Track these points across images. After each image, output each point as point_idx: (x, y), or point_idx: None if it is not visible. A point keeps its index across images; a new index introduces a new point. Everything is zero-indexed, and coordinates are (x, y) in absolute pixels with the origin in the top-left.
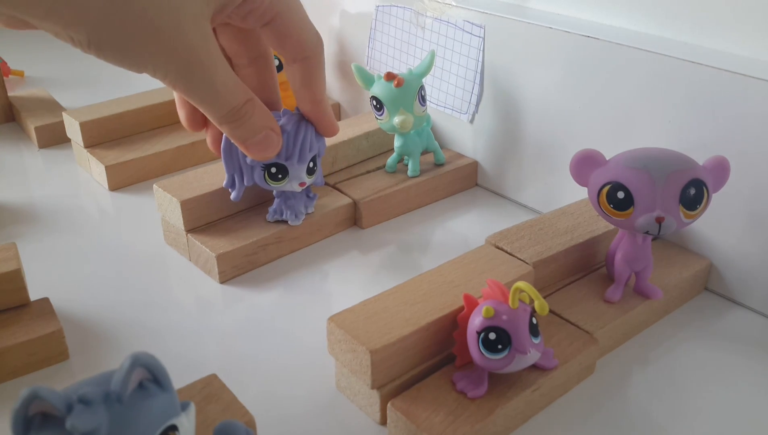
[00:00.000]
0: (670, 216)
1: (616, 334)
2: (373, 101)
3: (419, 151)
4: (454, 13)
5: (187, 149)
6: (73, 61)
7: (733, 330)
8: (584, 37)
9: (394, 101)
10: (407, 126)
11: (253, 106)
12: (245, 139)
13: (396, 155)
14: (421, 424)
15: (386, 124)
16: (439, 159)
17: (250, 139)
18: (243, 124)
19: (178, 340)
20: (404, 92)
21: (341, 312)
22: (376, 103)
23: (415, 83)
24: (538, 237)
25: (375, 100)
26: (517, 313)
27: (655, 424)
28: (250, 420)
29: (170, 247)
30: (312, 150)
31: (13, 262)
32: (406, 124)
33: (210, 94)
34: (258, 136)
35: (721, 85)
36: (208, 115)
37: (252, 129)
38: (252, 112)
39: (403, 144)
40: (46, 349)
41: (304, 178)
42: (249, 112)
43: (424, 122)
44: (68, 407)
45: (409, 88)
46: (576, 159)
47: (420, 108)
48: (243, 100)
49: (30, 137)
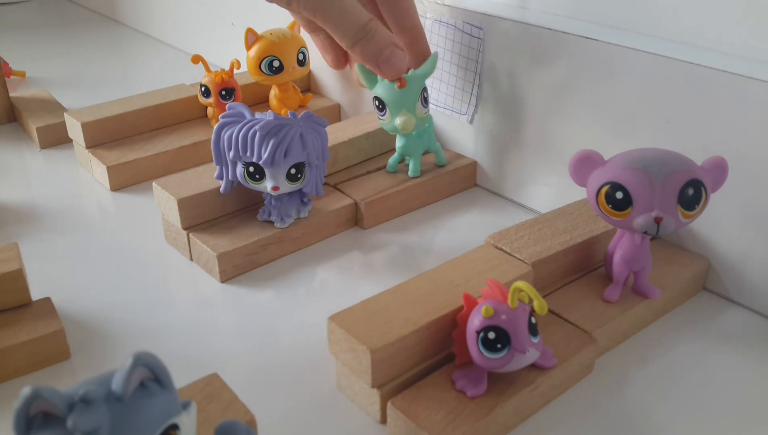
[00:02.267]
0: (668, 216)
1: (615, 334)
2: (375, 101)
3: (420, 151)
4: (454, 14)
5: (189, 150)
6: (74, 62)
7: (732, 330)
8: (584, 38)
9: (396, 102)
10: (409, 127)
11: (376, 23)
12: (376, 58)
13: (397, 155)
14: (421, 423)
15: (388, 124)
16: (440, 160)
17: (380, 57)
18: (370, 40)
19: (180, 340)
20: (407, 93)
21: (341, 311)
22: (378, 103)
23: (418, 85)
24: (538, 237)
25: (378, 100)
26: (517, 312)
27: (654, 423)
28: (251, 419)
29: (171, 247)
30: (291, 156)
31: (14, 262)
32: (408, 125)
33: (342, 17)
34: (385, 52)
35: (721, 85)
36: (341, 39)
37: (378, 45)
38: (376, 27)
39: (404, 144)
40: (48, 348)
41: (279, 183)
42: (374, 28)
43: (426, 123)
44: (70, 407)
45: (412, 90)
46: (575, 159)
47: (422, 109)
48: (367, 18)
49: (31, 138)
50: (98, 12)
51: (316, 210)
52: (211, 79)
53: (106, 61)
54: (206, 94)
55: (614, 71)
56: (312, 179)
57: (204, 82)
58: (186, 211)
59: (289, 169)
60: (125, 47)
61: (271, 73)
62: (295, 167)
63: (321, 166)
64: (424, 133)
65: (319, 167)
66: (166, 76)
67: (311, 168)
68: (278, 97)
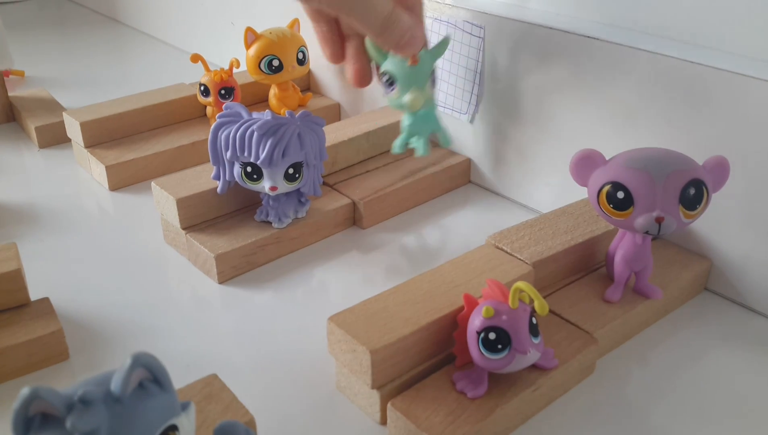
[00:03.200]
0: (669, 216)
1: (616, 334)
2: (384, 76)
3: (428, 132)
4: (454, 13)
5: (188, 149)
6: (73, 61)
7: (733, 330)
8: (585, 37)
9: (407, 78)
10: (417, 105)
11: (399, 10)
12: (398, 42)
13: (405, 136)
14: (421, 424)
15: (396, 101)
16: (445, 141)
17: (401, 41)
18: (395, 28)
19: (179, 340)
20: (419, 71)
21: (341, 312)
22: (387, 78)
23: (429, 64)
24: (538, 237)
25: (387, 75)
26: (517, 313)
27: (655, 423)
28: (251, 420)
29: (170, 247)
30: (290, 156)
31: (13, 262)
32: (417, 102)
33: (368, 9)
34: (406, 36)
35: (723, 84)
36: (367, 29)
37: (401, 31)
38: (399, 15)
39: (412, 123)
40: (47, 349)
41: (277, 183)
42: (397, 16)
43: (433, 103)
44: (68, 407)
45: (424, 67)
46: (576, 159)
47: (431, 89)
48: (391, 7)
49: (30, 137)
50: (97, 11)
51: (314, 210)
52: (211, 78)
53: (105, 60)
54: (205, 94)
55: (615, 70)
56: (310, 179)
57: (203, 82)
58: (185, 211)
59: (287, 169)
60: (124, 46)
61: (270, 73)
62: (293, 167)
63: (319, 165)
64: (431, 113)
65: (317, 167)
66: (165, 75)
67: (309, 168)
68: (278, 97)
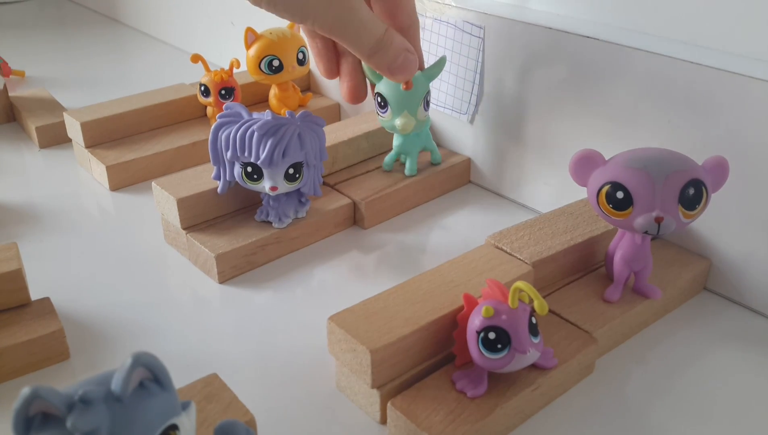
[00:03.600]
0: (669, 216)
1: (616, 334)
2: (377, 98)
3: (417, 150)
4: (454, 13)
5: (188, 149)
6: (73, 61)
7: (733, 330)
8: (584, 38)
9: (399, 103)
10: (408, 129)
11: (392, 33)
12: (390, 65)
13: (394, 154)
14: (421, 424)
15: (388, 122)
16: (435, 159)
17: (394, 65)
18: (387, 51)
19: (179, 340)
20: (411, 95)
21: (341, 312)
22: (380, 100)
23: (423, 87)
24: (538, 237)
25: (380, 97)
26: (517, 312)
27: (654, 423)
28: (251, 419)
29: (170, 247)
30: (290, 156)
31: (13, 262)
32: (408, 127)
33: (360, 31)
34: (399, 59)
35: (721, 85)
36: (357, 52)
37: (394, 54)
38: (392, 38)
39: (402, 143)
40: (47, 348)
41: (277, 183)
42: (389, 39)
43: (425, 126)
44: (69, 407)
45: (417, 92)
46: (575, 159)
47: (423, 113)
48: (383, 30)
49: (31, 137)
50: (97, 11)
51: (314, 210)
52: (211, 78)
53: (105, 60)
54: (206, 94)
55: (615, 70)
56: (310, 179)
57: (203, 82)
58: (185, 211)
59: (287, 169)
60: (124, 46)
61: (270, 73)
62: (293, 167)
63: (319, 165)
64: (422, 133)
65: (317, 167)
66: (165, 75)
67: (309, 168)
68: (278, 97)
